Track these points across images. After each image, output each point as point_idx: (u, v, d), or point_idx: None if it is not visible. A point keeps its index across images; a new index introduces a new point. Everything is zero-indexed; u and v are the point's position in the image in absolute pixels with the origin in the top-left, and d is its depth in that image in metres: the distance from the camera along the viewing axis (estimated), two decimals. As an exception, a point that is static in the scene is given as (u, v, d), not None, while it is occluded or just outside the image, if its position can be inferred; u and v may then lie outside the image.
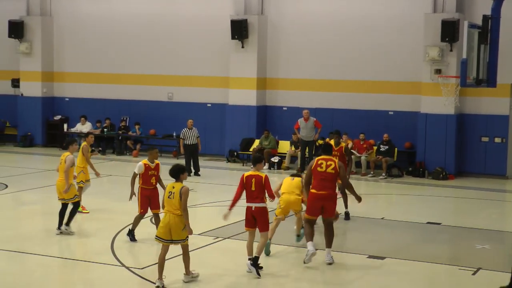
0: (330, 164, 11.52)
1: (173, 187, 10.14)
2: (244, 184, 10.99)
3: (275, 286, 10.57)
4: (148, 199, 12.65)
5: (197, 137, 21.18)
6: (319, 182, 11.49)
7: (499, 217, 16.72)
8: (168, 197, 10.11)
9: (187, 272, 10.42)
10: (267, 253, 11.88)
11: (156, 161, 12.78)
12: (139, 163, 12.66)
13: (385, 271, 11.42)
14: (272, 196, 11.03)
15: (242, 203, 11.03)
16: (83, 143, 15.11)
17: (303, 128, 22.10)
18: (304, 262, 11.39)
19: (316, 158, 11.74)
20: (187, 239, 10.21)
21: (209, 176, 20.89)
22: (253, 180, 10.91)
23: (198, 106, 25.39)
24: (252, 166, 11.59)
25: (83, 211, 14.76)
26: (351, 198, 13.06)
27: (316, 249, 11.41)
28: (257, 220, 10.91)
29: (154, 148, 12.97)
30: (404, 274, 11.23)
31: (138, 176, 12.68)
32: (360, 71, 23.24)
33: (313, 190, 11.56)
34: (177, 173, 10.22)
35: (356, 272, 11.46)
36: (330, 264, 11.46)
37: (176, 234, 10.09)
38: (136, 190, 12.74)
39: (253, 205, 10.88)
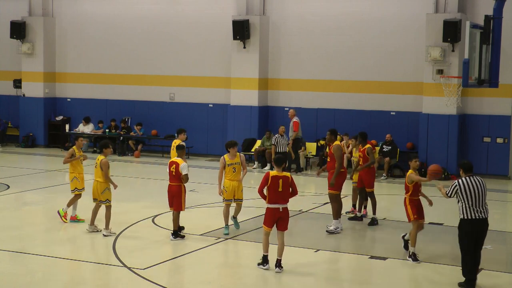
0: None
1: (98, 159, 13.07)
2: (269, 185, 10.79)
3: (276, 286, 10.55)
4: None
5: (287, 144, 21.21)
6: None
7: (501, 217, 16.68)
8: (96, 167, 13.09)
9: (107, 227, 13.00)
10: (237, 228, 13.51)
11: None
12: (186, 164, 12.71)
13: (387, 271, 11.41)
14: (296, 192, 10.96)
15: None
16: (74, 148, 14.22)
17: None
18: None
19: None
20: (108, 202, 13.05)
21: (210, 177, 20.86)
22: (280, 180, 10.75)
23: (200, 107, 25.39)
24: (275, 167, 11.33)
25: (64, 219, 14.23)
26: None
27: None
28: (282, 220, 10.76)
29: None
30: (406, 274, 11.21)
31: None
32: (362, 71, 23.23)
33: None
34: (101, 146, 13.17)
35: (358, 273, 11.47)
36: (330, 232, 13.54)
37: (101, 196, 13.13)
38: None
39: (280, 206, 10.74)
